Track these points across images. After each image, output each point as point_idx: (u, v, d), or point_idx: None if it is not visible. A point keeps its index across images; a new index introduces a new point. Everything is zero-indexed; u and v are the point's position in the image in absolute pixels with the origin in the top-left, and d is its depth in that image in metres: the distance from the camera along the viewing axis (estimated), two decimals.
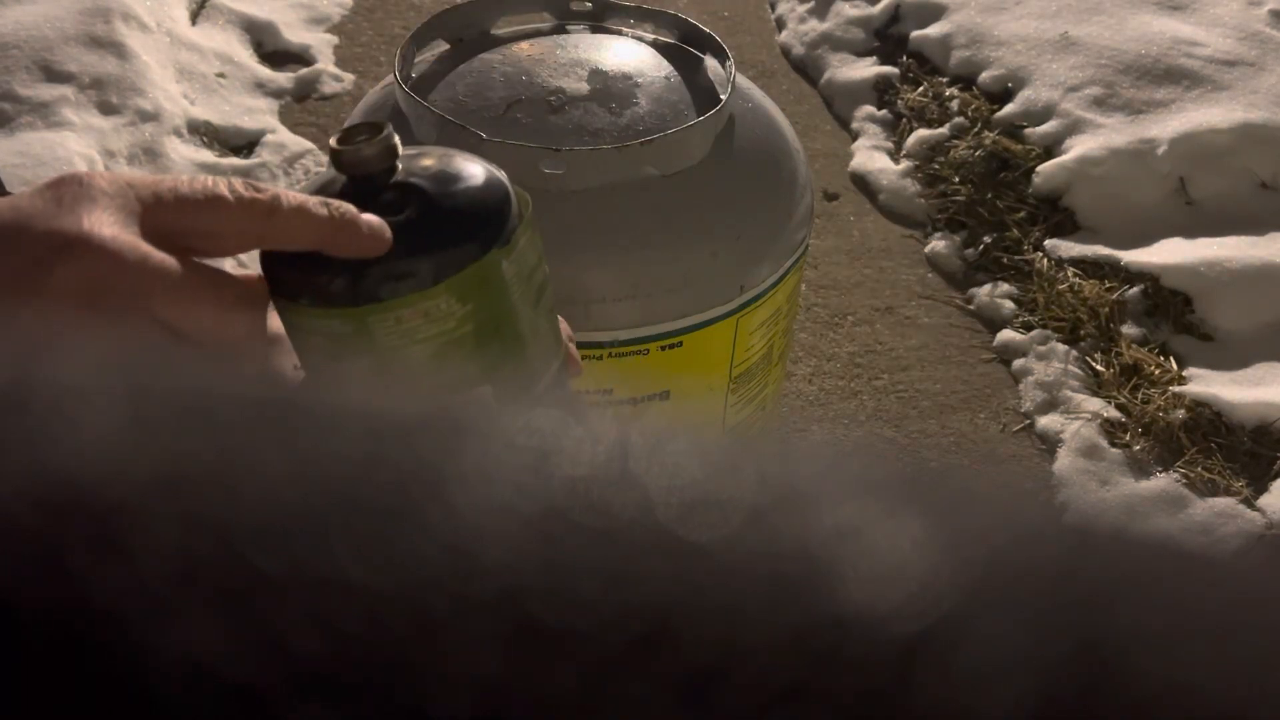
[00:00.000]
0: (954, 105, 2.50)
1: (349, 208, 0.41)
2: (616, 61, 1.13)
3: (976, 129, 2.42)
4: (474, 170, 0.44)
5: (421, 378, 0.42)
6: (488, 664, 0.12)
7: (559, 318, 0.50)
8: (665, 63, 1.14)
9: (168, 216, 0.39)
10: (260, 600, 0.12)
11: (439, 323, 0.42)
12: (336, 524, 0.13)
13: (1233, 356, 1.96)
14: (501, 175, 0.45)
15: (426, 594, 0.12)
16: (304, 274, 0.42)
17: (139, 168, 2.20)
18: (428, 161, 0.44)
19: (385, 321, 0.41)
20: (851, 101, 2.59)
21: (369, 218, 0.41)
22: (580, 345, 1.04)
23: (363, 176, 0.43)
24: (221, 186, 0.40)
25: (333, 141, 0.43)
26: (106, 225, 0.37)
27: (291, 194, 0.41)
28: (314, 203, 0.41)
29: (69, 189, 0.37)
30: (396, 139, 0.43)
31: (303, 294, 0.42)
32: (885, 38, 2.76)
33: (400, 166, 0.44)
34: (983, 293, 2.12)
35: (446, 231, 0.42)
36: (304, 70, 2.58)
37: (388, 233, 0.41)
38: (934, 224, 2.28)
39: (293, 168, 2.29)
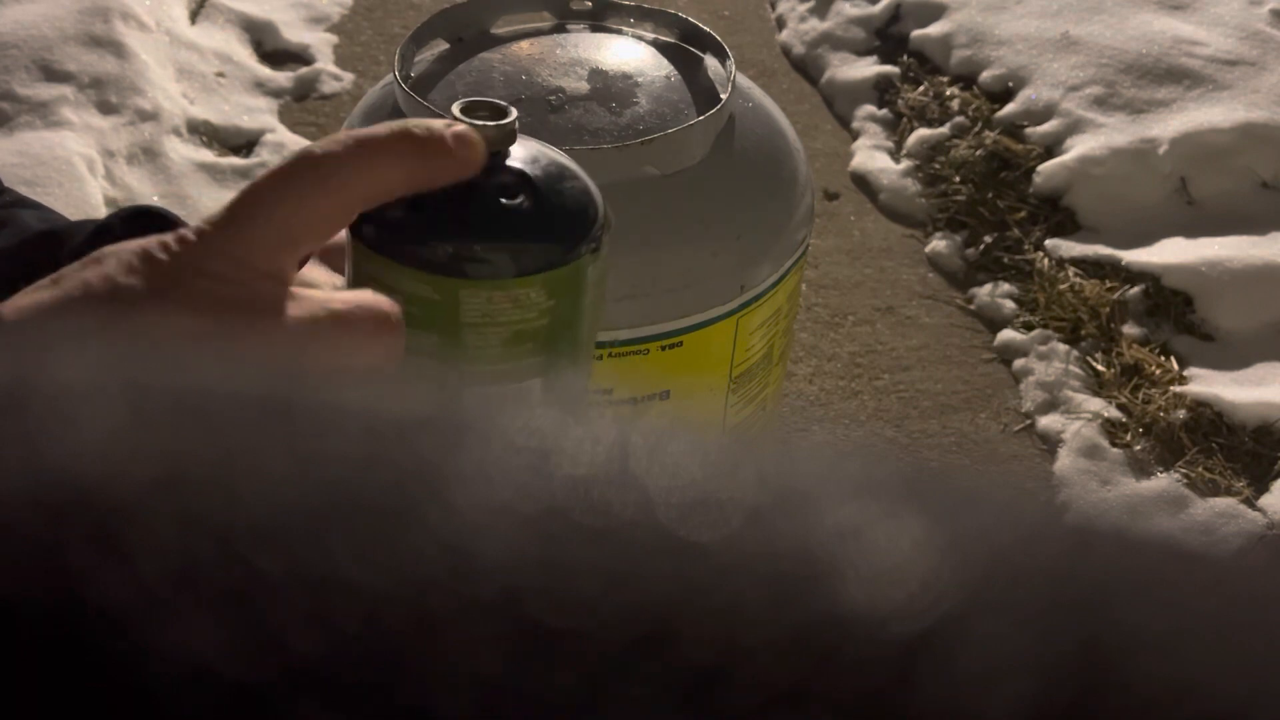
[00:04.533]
0: (955, 105, 2.50)
1: (420, 124, 0.40)
2: (616, 61, 1.13)
3: (977, 128, 2.42)
4: (575, 170, 0.45)
5: (486, 359, 0.43)
6: (488, 664, 0.12)
7: None
8: (665, 62, 1.14)
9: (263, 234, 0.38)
10: (260, 600, 0.12)
11: (522, 311, 0.42)
12: (336, 524, 0.13)
13: (1234, 356, 1.96)
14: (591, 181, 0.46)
15: (426, 594, 0.12)
16: (408, 234, 0.42)
17: (138, 167, 2.20)
18: (533, 151, 0.44)
19: (476, 298, 0.42)
20: (852, 101, 2.59)
21: (457, 129, 0.40)
22: None
23: (484, 154, 0.43)
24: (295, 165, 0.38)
25: (456, 110, 0.43)
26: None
27: (363, 133, 0.39)
28: (396, 133, 0.39)
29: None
30: (515, 118, 0.43)
31: (402, 253, 0.42)
32: (886, 37, 2.76)
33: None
34: (983, 292, 2.12)
35: (556, 225, 0.43)
36: (303, 70, 2.58)
37: (481, 144, 0.41)
38: (935, 224, 2.28)
39: None
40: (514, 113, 0.43)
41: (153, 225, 0.53)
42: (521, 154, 0.44)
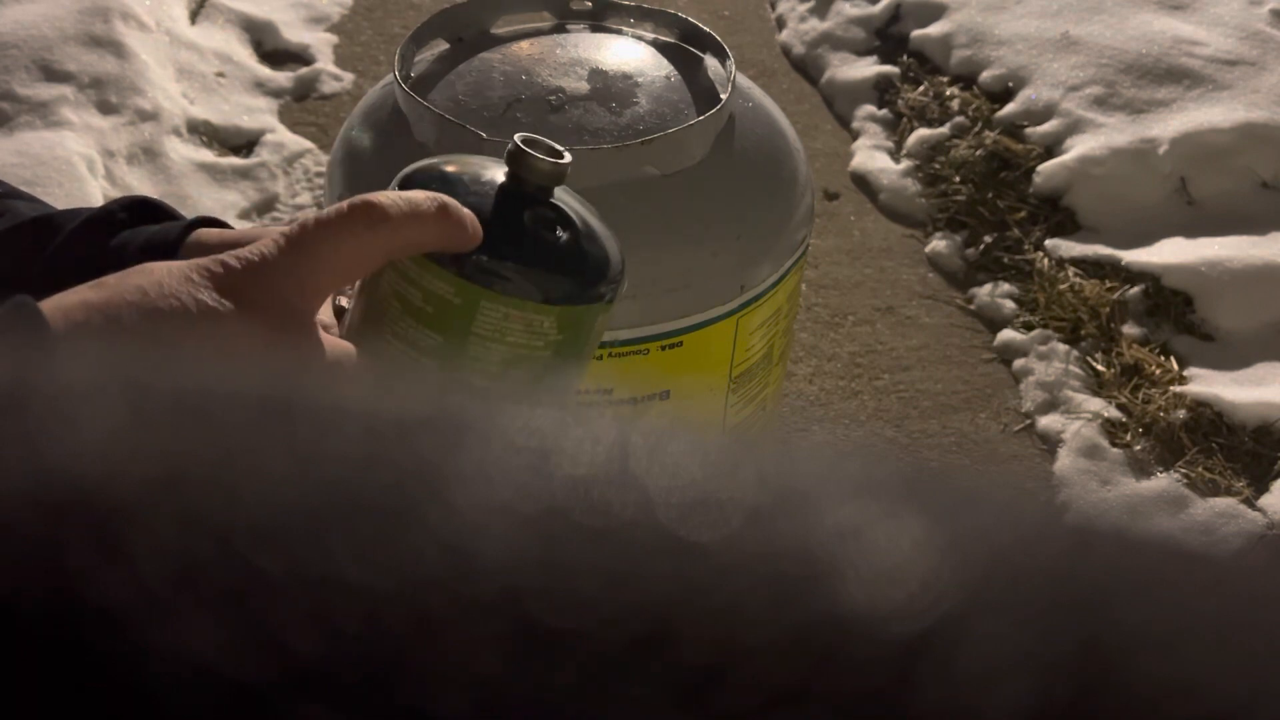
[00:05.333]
0: (955, 104, 2.50)
1: (453, 202, 0.43)
2: (616, 61, 1.13)
3: (977, 128, 2.42)
4: (606, 228, 0.49)
5: (481, 373, 0.45)
6: (488, 664, 0.12)
7: None
8: (665, 62, 1.14)
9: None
10: (260, 600, 0.12)
11: (531, 336, 0.45)
12: (336, 524, 0.13)
13: (1234, 356, 1.96)
14: None
15: (426, 594, 0.12)
16: None
17: (138, 167, 2.20)
18: (575, 198, 0.48)
19: (493, 311, 0.44)
20: (852, 101, 2.59)
21: (468, 214, 0.44)
22: None
23: (536, 186, 0.46)
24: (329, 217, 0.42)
25: (519, 140, 0.46)
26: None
27: (392, 196, 0.43)
28: (424, 203, 0.43)
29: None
30: (569, 161, 0.47)
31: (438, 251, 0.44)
32: (886, 37, 2.76)
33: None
34: (983, 292, 2.12)
35: (586, 266, 0.47)
36: (303, 70, 2.58)
37: (479, 230, 0.44)
38: (935, 223, 2.28)
39: (292, 167, 2.29)
40: (569, 155, 0.47)
41: (153, 215, 0.53)
42: (564, 196, 0.47)
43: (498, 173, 0.47)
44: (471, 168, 0.47)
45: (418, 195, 0.43)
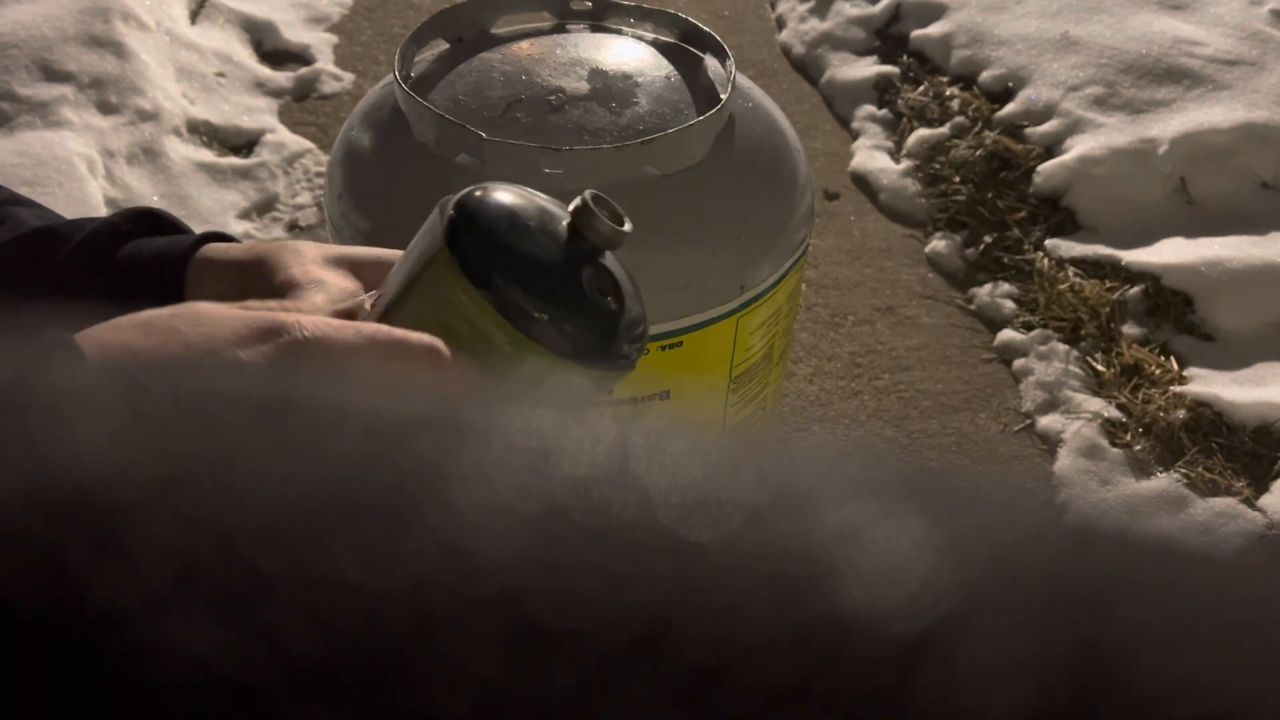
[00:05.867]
0: (954, 105, 2.50)
1: (426, 343, 0.42)
2: (616, 61, 1.13)
3: (977, 128, 2.42)
4: (635, 286, 0.49)
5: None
6: (488, 664, 0.12)
7: None
8: (665, 62, 1.14)
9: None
10: (260, 600, 0.12)
11: (559, 390, 0.45)
12: (336, 524, 0.13)
13: (1234, 356, 1.96)
14: None
15: (426, 594, 0.12)
16: (514, 280, 0.43)
17: (138, 167, 2.20)
18: (618, 265, 0.48)
19: (537, 364, 0.44)
20: (852, 101, 2.59)
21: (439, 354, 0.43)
22: None
23: (594, 246, 0.46)
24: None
25: (589, 197, 0.45)
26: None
27: (374, 330, 0.42)
28: (426, 346, 0.42)
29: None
30: (630, 228, 0.47)
31: (497, 292, 0.43)
32: (886, 37, 2.76)
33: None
34: (983, 292, 2.12)
35: (630, 334, 0.47)
36: (304, 70, 2.58)
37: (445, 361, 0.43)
38: (935, 223, 2.28)
39: (292, 167, 2.29)
40: (628, 222, 0.46)
41: (158, 226, 0.53)
42: (613, 258, 0.48)
43: (559, 220, 0.46)
44: (534, 209, 0.46)
45: (413, 337, 0.42)
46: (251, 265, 0.49)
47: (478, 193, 0.46)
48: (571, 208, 0.46)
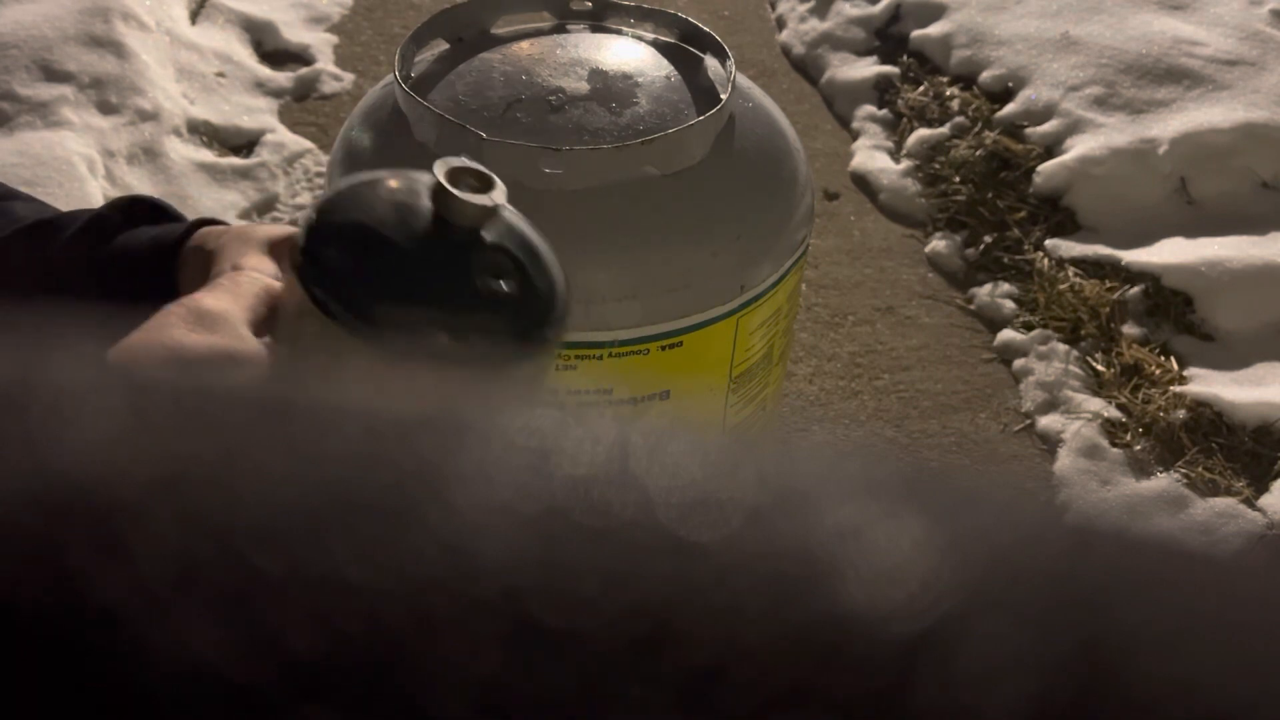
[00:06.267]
0: (955, 105, 2.50)
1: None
2: (616, 61, 1.13)
3: (977, 128, 2.42)
4: (548, 250, 0.42)
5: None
6: (488, 664, 0.12)
7: None
8: (665, 62, 1.14)
9: None
10: (260, 600, 0.12)
11: (473, 397, 0.42)
12: (336, 524, 0.13)
13: (1234, 356, 1.96)
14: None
15: (426, 594, 0.12)
16: (380, 307, 0.39)
17: (138, 167, 2.20)
18: (512, 234, 0.41)
19: (427, 377, 0.41)
20: (852, 101, 2.59)
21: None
22: (580, 345, 1.04)
23: (468, 230, 0.39)
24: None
25: (443, 175, 0.39)
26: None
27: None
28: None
29: None
30: (504, 195, 0.40)
31: (366, 329, 0.38)
32: (886, 37, 2.76)
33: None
34: (983, 292, 2.12)
35: (534, 315, 0.40)
36: (304, 70, 2.58)
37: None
38: (935, 223, 2.28)
39: (292, 167, 2.29)
40: (499, 184, 0.40)
41: (151, 213, 0.53)
42: (507, 220, 0.41)
43: (422, 213, 0.39)
44: (389, 213, 0.40)
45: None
46: (210, 255, 0.48)
47: (319, 217, 0.40)
48: (430, 194, 0.39)
